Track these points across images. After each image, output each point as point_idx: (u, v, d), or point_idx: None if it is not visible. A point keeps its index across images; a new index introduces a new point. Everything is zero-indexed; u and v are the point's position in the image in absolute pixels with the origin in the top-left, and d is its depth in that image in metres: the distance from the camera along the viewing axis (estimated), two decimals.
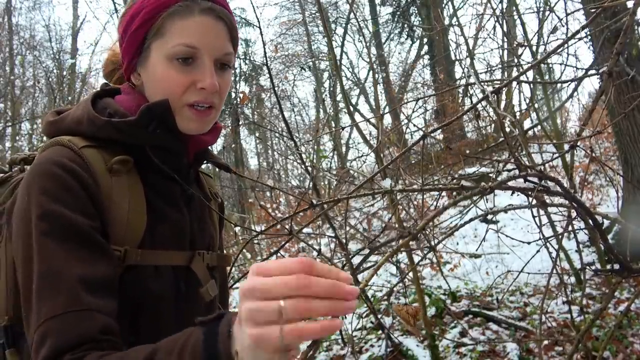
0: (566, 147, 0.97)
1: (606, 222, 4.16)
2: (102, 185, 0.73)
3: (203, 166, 1.01)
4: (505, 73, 5.16)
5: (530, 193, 0.83)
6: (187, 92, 0.78)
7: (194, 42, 0.77)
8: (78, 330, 0.61)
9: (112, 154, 0.77)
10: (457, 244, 6.17)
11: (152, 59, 0.79)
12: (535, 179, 0.81)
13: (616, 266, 1.05)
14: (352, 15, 10.87)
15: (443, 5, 10.91)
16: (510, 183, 0.85)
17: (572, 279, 4.14)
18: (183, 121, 0.80)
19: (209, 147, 0.95)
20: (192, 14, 0.77)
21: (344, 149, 12.59)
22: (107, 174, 0.75)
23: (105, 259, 0.69)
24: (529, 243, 1.37)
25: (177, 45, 0.76)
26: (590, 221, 0.89)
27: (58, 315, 0.62)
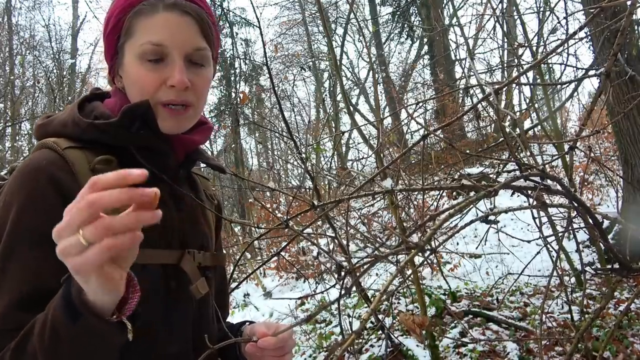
0: (566, 147, 0.98)
1: (606, 222, 4.16)
2: (84, 185, 0.74)
3: (202, 168, 1.00)
4: (506, 73, 5.16)
5: (530, 193, 0.84)
6: (159, 91, 0.79)
7: (160, 39, 0.77)
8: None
9: (96, 154, 0.78)
10: (457, 244, 6.17)
11: (125, 60, 0.81)
12: (536, 179, 0.81)
13: (616, 266, 1.05)
14: (352, 15, 10.87)
15: (443, 5, 10.91)
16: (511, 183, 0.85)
17: (573, 280, 4.14)
18: (159, 121, 0.80)
19: (202, 148, 0.95)
20: (156, 11, 0.78)
21: (344, 149, 12.59)
22: (90, 174, 0.75)
23: (63, 268, 0.71)
24: (529, 242, 1.37)
25: (144, 44, 0.77)
26: (590, 220, 0.89)
27: None
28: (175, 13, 0.78)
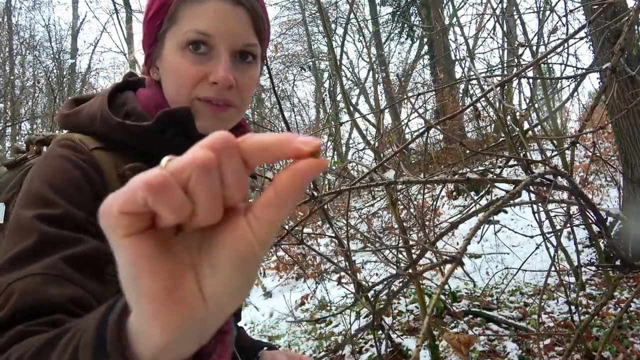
0: (567, 144, 0.97)
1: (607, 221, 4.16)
2: (112, 190, 0.64)
3: None
4: (506, 72, 5.16)
5: (536, 189, 0.83)
6: (198, 87, 0.71)
7: (207, 28, 0.69)
8: (45, 294, 0.51)
9: (124, 158, 0.70)
10: (457, 243, 6.17)
11: (165, 49, 0.73)
12: (539, 176, 0.81)
13: (617, 263, 1.04)
14: (352, 15, 10.87)
15: (443, 5, 10.92)
16: (508, 178, 0.85)
17: (572, 279, 4.14)
18: (197, 119, 0.72)
19: None
20: None
21: (344, 149, 12.59)
22: (118, 180, 0.68)
23: (94, 246, 0.61)
24: (532, 237, 1.37)
25: (188, 32, 0.70)
26: (594, 217, 0.89)
27: (27, 276, 0.53)
28: (228, 2, 0.70)
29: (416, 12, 13.76)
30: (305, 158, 0.30)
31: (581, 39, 3.43)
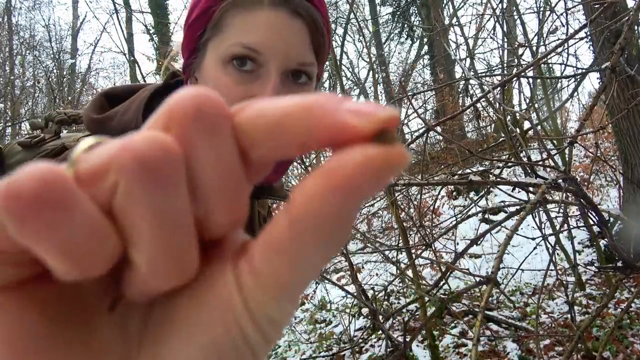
0: (566, 143, 0.97)
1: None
2: None
3: None
4: (505, 72, 5.16)
5: (533, 190, 0.83)
6: None
7: (256, 43, 0.57)
8: None
9: None
10: (457, 244, 6.16)
11: (206, 61, 0.62)
12: (544, 175, 0.81)
13: (619, 264, 1.04)
14: (352, 15, 10.88)
15: (443, 5, 10.92)
16: (507, 179, 0.84)
17: (572, 278, 4.14)
18: None
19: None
20: (259, 6, 0.58)
21: None
22: None
23: None
24: (533, 239, 1.37)
25: (234, 45, 0.58)
26: (596, 219, 0.89)
27: None
28: (283, 12, 0.58)
29: (416, 12, 13.77)
30: (360, 143, 0.14)
31: (581, 39, 3.43)
